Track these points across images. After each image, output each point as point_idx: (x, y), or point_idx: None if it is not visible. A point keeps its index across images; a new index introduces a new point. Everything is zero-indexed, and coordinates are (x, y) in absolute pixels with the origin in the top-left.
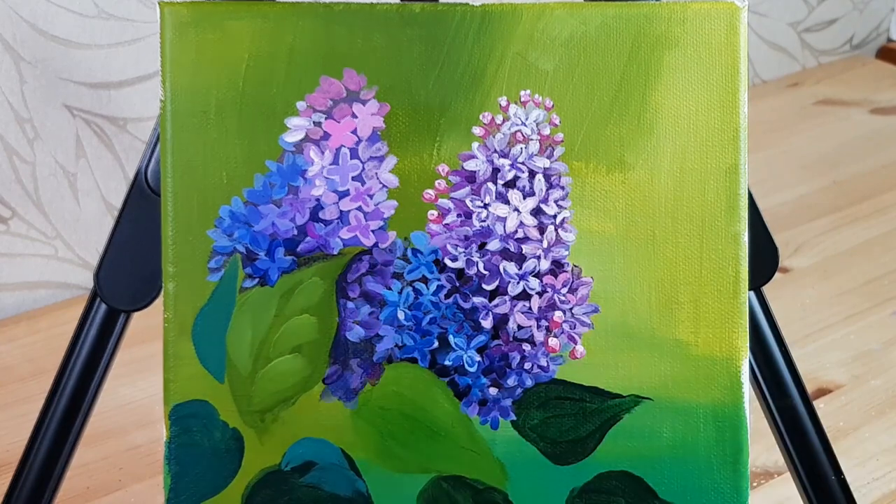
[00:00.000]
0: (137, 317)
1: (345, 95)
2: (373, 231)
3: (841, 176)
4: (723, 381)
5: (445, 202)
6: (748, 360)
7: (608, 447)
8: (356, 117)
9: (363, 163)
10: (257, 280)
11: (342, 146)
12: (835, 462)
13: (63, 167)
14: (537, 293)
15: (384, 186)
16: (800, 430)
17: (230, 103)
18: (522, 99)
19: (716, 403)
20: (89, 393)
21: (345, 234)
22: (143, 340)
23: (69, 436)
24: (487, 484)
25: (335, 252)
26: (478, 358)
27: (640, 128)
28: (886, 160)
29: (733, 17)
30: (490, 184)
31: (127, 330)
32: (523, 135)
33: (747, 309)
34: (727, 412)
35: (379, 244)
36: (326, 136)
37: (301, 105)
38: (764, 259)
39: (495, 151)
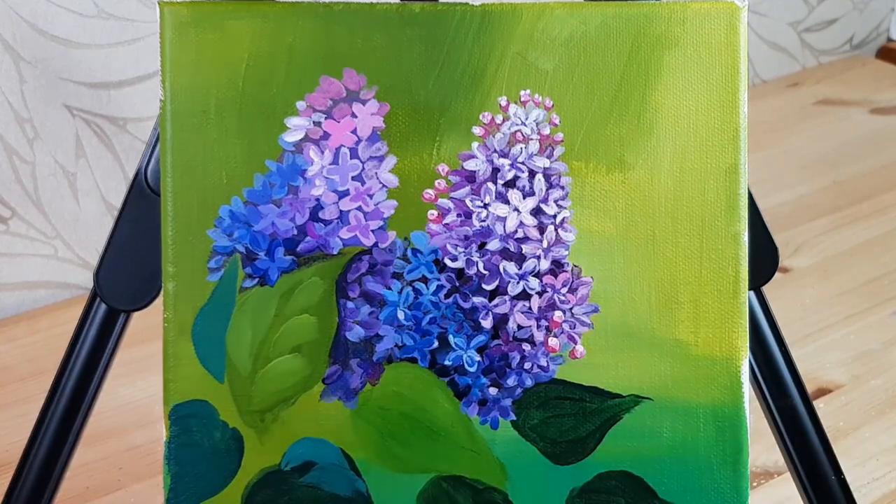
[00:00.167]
0: (137, 317)
1: (345, 95)
2: (373, 231)
3: (841, 176)
4: (723, 381)
5: (445, 202)
6: (748, 360)
7: (608, 447)
8: (356, 117)
9: (363, 162)
10: (257, 280)
11: (342, 146)
12: (835, 462)
13: (63, 167)
14: (537, 293)
15: (384, 186)
16: (800, 430)
17: (230, 103)
18: (522, 99)
19: (716, 403)
20: (89, 393)
21: (345, 234)
22: (143, 340)
23: (69, 436)
24: (487, 484)
25: (335, 252)
26: (478, 358)
27: (640, 127)
28: (886, 160)
29: (733, 17)
30: (490, 184)
31: (127, 330)
32: (523, 134)
33: (747, 309)
34: (727, 412)
35: (379, 244)
36: (326, 136)
37: (301, 105)
38: (764, 259)
39: (495, 151)
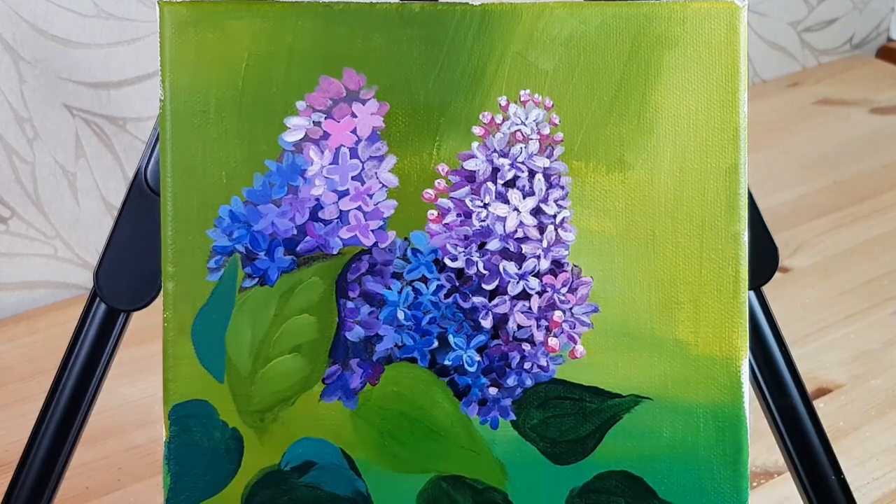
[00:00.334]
0: (137, 316)
1: (344, 95)
2: (372, 231)
3: (841, 176)
4: (723, 381)
5: (445, 202)
6: (748, 360)
7: (608, 447)
8: (356, 117)
9: (363, 162)
10: (257, 280)
11: (342, 146)
12: (835, 462)
13: (62, 167)
14: (537, 293)
15: (384, 186)
16: (800, 430)
17: (230, 103)
18: (522, 98)
19: (716, 403)
20: (89, 393)
21: (344, 234)
22: (143, 340)
23: (69, 435)
24: (487, 484)
25: (335, 252)
26: (477, 358)
27: (640, 127)
28: (886, 160)
29: (733, 17)
30: (490, 183)
31: (126, 330)
32: (523, 134)
33: (747, 309)
34: (727, 412)
35: (378, 244)
36: (326, 136)
37: (301, 105)
38: (764, 259)
39: (495, 151)
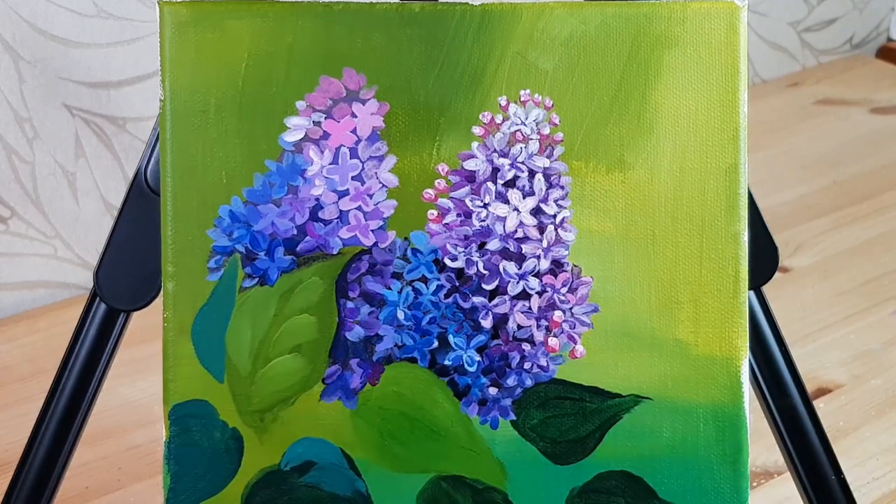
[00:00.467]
0: (137, 316)
1: (344, 95)
2: (372, 231)
3: (841, 176)
4: (723, 381)
5: (445, 202)
6: (748, 360)
7: (608, 447)
8: (356, 117)
9: (363, 162)
10: (257, 280)
11: (342, 146)
12: (835, 462)
13: (62, 167)
14: (537, 293)
15: (384, 186)
16: (800, 430)
17: (230, 103)
18: (522, 98)
19: (716, 403)
20: (89, 393)
21: (344, 234)
22: (143, 340)
23: (69, 435)
24: (487, 484)
25: (335, 252)
26: (477, 357)
27: (640, 127)
28: (886, 160)
29: (733, 17)
30: (490, 183)
31: (126, 330)
32: (523, 134)
33: (747, 309)
34: (727, 412)
35: (378, 244)
36: (326, 136)
37: (301, 104)
38: (764, 259)
39: (495, 151)
